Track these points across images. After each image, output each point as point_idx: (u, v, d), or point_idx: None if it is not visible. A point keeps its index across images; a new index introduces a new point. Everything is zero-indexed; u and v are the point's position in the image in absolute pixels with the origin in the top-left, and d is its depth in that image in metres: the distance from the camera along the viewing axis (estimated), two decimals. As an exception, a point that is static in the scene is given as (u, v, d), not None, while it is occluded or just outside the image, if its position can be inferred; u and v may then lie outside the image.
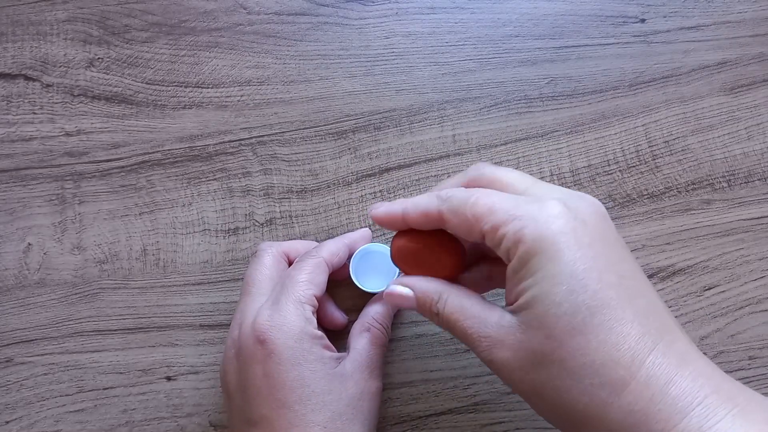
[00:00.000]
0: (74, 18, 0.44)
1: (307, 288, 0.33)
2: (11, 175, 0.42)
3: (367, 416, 0.32)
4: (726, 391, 0.24)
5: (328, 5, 0.43)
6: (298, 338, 0.31)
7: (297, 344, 0.31)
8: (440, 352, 0.38)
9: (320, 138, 0.42)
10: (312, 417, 0.30)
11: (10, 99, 0.43)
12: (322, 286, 0.34)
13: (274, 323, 0.31)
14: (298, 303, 0.32)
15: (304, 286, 0.33)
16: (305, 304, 0.32)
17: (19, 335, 0.39)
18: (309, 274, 0.33)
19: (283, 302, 0.32)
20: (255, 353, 0.31)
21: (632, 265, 0.27)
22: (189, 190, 0.41)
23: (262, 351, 0.31)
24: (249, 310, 0.33)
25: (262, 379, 0.31)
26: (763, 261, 0.39)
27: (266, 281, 0.34)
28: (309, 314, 0.32)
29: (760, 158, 0.41)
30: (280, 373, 0.30)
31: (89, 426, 0.38)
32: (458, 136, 0.42)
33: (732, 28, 0.43)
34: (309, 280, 0.33)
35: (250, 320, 0.32)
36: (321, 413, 0.30)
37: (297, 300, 0.32)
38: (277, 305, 0.32)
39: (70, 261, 0.40)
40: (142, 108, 0.42)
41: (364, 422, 0.32)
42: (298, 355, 0.31)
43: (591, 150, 0.41)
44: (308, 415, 0.30)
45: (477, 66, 0.42)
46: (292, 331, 0.31)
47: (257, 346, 0.31)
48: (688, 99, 0.42)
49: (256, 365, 0.31)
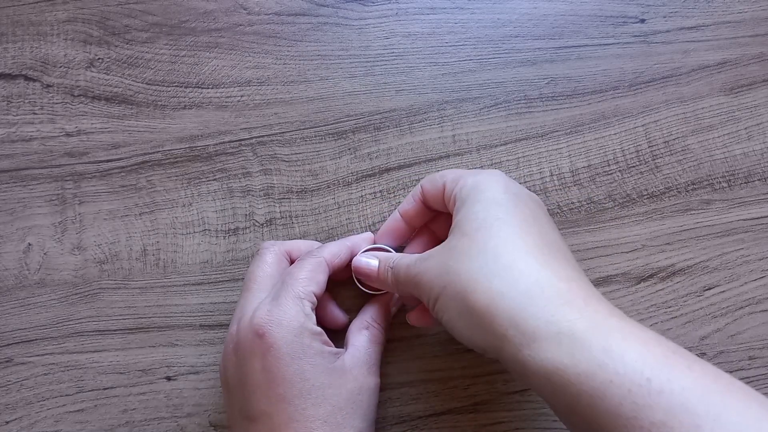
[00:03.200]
0: (74, 18, 0.44)
1: (307, 285, 0.33)
2: (11, 175, 0.42)
3: (366, 411, 0.32)
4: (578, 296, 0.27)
5: (328, 6, 0.43)
6: (298, 333, 0.31)
7: (296, 339, 0.31)
8: (440, 352, 0.38)
9: (320, 138, 0.42)
10: (312, 411, 0.30)
11: (10, 99, 0.43)
12: (322, 285, 0.34)
13: (273, 318, 0.31)
14: (297, 299, 0.32)
15: (304, 282, 0.33)
16: (304, 300, 0.32)
17: (19, 335, 0.39)
18: (309, 272, 0.33)
19: (283, 298, 0.32)
20: (254, 348, 0.31)
21: (547, 223, 0.31)
22: (189, 190, 0.41)
23: (261, 345, 0.31)
24: (248, 305, 0.33)
25: (261, 374, 0.31)
26: (763, 261, 0.39)
27: (267, 278, 0.34)
28: (308, 310, 0.32)
29: (760, 158, 0.41)
30: (280, 368, 0.30)
31: (89, 426, 0.38)
32: (458, 137, 0.42)
33: (732, 28, 0.43)
34: (309, 277, 0.33)
35: (249, 315, 0.32)
36: (321, 407, 0.30)
37: (296, 296, 0.32)
38: (277, 300, 0.32)
39: (70, 261, 0.40)
40: (142, 108, 0.42)
41: (363, 417, 0.32)
42: (298, 350, 0.31)
43: (591, 150, 0.41)
44: (308, 409, 0.30)
45: (477, 66, 0.43)
46: (291, 326, 0.31)
47: (256, 340, 0.31)
48: (688, 99, 0.42)
49: (255, 360, 0.31)
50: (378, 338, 0.35)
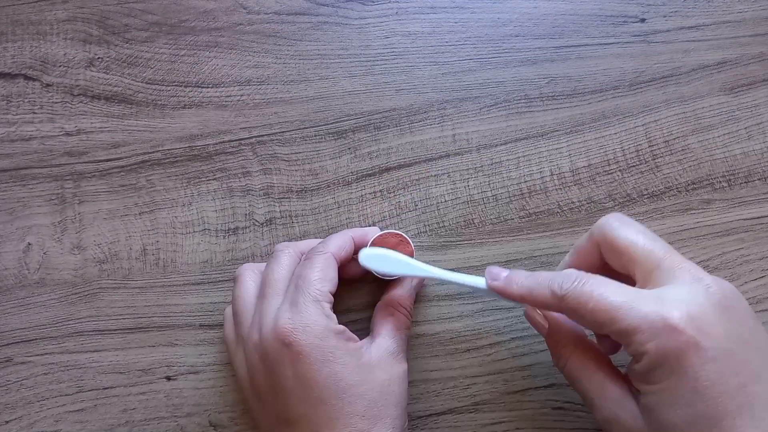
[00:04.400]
0: (74, 18, 0.44)
1: (322, 285, 0.33)
2: (11, 174, 0.42)
3: (399, 398, 0.33)
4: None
5: (328, 5, 0.43)
6: (323, 336, 0.31)
7: (323, 342, 0.31)
8: (440, 352, 0.38)
9: (320, 138, 0.42)
10: (350, 408, 0.31)
11: (9, 99, 0.43)
12: (335, 281, 0.34)
13: (296, 325, 0.31)
14: (315, 302, 0.32)
15: (318, 284, 0.33)
16: (323, 302, 0.32)
17: (19, 335, 0.39)
18: (321, 272, 0.33)
19: (302, 303, 0.32)
20: (282, 356, 0.31)
21: (761, 362, 0.27)
22: (189, 189, 0.41)
23: (289, 353, 0.31)
24: (266, 312, 0.33)
25: (294, 380, 0.31)
26: (763, 261, 0.39)
27: (283, 281, 0.34)
28: (328, 310, 0.33)
29: (760, 158, 0.41)
30: (312, 373, 0.31)
31: (89, 426, 0.38)
32: (458, 136, 0.42)
33: (732, 27, 0.43)
34: (322, 277, 0.33)
35: (270, 323, 0.32)
36: (357, 404, 0.31)
37: (314, 299, 0.32)
38: (296, 306, 0.32)
39: (70, 261, 0.40)
40: (142, 108, 0.42)
41: (397, 405, 0.32)
42: (327, 353, 0.31)
43: (591, 150, 0.41)
44: (345, 407, 0.31)
45: (477, 65, 0.42)
46: (316, 330, 0.31)
47: (283, 349, 0.31)
48: (688, 99, 0.42)
49: (286, 368, 0.31)
50: (404, 323, 0.35)
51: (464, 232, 0.40)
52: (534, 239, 0.40)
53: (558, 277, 0.29)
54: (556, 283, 0.29)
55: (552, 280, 0.29)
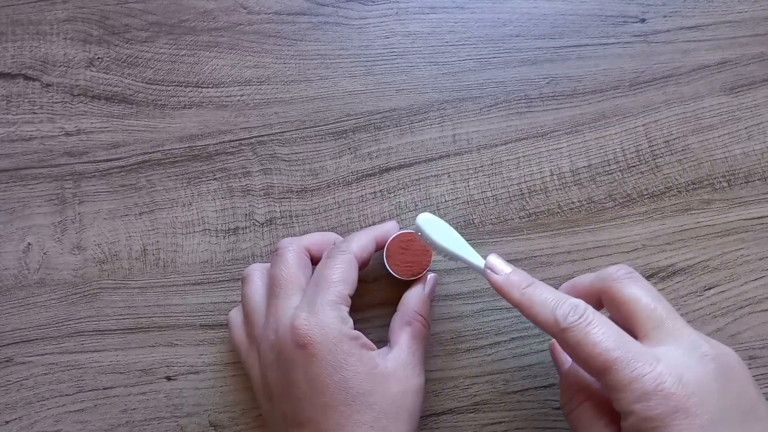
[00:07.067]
0: (74, 18, 0.44)
1: (342, 288, 0.32)
2: (11, 174, 0.42)
3: (411, 413, 0.32)
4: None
5: (328, 5, 0.43)
6: (338, 341, 0.31)
7: (336, 347, 0.31)
8: (440, 352, 0.38)
9: (320, 138, 0.42)
10: (358, 417, 0.30)
11: (9, 99, 0.43)
12: (354, 284, 0.33)
13: (312, 327, 0.31)
14: (334, 304, 0.32)
15: (339, 286, 0.32)
16: (341, 304, 0.32)
17: (19, 335, 0.39)
18: (342, 273, 0.33)
19: (320, 304, 0.31)
20: (296, 358, 0.31)
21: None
22: (189, 189, 0.41)
23: (303, 355, 0.31)
24: (282, 312, 0.32)
25: (305, 383, 0.31)
26: (763, 261, 0.39)
27: (293, 280, 0.34)
28: (345, 314, 0.32)
29: (760, 158, 0.41)
30: (323, 377, 0.30)
31: (89, 426, 0.38)
32: (458, 136, 0.42)
33: (732, 27, 0.43)
34: (342, 279, 0.33)
35: (287, 324, 0.32)
36: (366, 413, 0.30)
37: (333, 302, 0.32)
38: (314, 307, 0.31)
39: (70, 261, 0.40)
40: (142, 108, 0.42)
41: (408, 419, 0.32)
42: (340, 359, 0.31)
43: (591, 150, 0.41)
44: (354, 415, 0.30)
45: (477, 66, 0.42)
46: (331, 334, 0.31)
47: (298, 350, 0.31)
48: (688, 99, 0.42)
49: (298, 369, 0.31)
50: (421, 333, 0.35)
51: (464, 232, 0.40)
52: (534, 239, 0.40)
53: (566, 305, 0.28)
54: (561, 311, 0.28)
55: (558, 305, 0.29)
